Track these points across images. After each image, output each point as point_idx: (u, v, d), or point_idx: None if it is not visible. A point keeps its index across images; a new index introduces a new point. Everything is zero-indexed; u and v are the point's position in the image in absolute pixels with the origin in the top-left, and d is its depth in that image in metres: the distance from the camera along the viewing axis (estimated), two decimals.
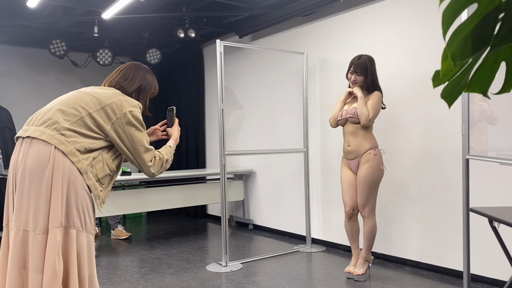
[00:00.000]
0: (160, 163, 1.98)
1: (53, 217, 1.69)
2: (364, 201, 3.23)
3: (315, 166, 4.48)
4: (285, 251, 4.22)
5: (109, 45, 5.73)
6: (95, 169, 1.81)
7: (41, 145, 1.74)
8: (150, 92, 2.09)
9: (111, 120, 1.84)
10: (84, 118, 1.80)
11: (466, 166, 2.27)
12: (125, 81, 2.00)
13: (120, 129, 1.85)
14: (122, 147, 1.88)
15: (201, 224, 5.78)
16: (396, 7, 3.71)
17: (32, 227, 1.69)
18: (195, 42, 6.04)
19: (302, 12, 4.34)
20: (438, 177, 3.43)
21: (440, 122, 3.42)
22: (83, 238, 1.75)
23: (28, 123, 1.85)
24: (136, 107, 1.92)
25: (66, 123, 1.78)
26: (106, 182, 1.88)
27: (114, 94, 1.90)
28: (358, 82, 3.26)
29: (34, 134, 1.76)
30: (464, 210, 2.26)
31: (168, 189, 4.93)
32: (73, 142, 1.76)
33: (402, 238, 3.69)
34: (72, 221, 1.72)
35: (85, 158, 1.78)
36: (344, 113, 3.30)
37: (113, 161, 1.89)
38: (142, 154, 1.91)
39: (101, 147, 1.84)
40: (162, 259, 4.05)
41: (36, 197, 1.70)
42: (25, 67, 6.10)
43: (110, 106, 1.84)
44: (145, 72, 2.08)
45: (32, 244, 1.68)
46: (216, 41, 3.76)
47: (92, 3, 4.50)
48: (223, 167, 3.77)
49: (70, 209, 1.72)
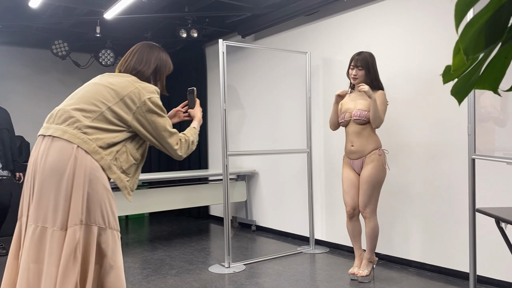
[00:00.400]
0: (186, 145, 1.99)
1: (73, 215, 1.70)
2: (366, 202, 3.19)
3: (318, 167, 4.45)
4: (288, 252, 4.19)
5: (111, 46, 5.72)
6: (119, 162, 1.82)
7: (63, 143, 1.74)
8: (166, 71, 2.07)
9: (131, 110, 1.83)
10: (105, 113, 1.79)
11: (472, 166, 2.24)
12: (140, 64, 1.97)
13: (142, 118, 1.84)
14: (147, 135, 1.88)
15: (204, 225, 5.76)
16: (400, 5, 3.68)
17: (50, 223, 1.71)
18: (198, 42, 6.02)
19: (305, 11, 4.31)
20: (443, 177, 3.39)
21: (445, 121, 3.38)
22: (107, 234, 1.76)
23: (48, 121, 1.85)
24: (154, 92, 1.90)
25: (87, 120, 1.77)
26: (132, 171, 1.89)
27: (130, 82, 1.87)
28: (359, 77, 3.21)
29: (56, 133, 1.76)
30: (470, 210, 2.23)
31: (170, 190, 4.91)
32: (95, 139, 1.76)
33: (406, 239, 3.65)
34: (94, 219, 1.73)
35: (108, 153, 1.78)
36: (348, 116, 3.24)
37: (137, 150, 1.90)
38: (168, 139, 1.91)
39: (124, 139, 1.84)
40: (165, 260, 4.02)
41: (56, 195, 1.71)
42: (27, 68, 6.09)
43: (128, 96, 1.83)
44: (158, 51, 2.04)
45: (51, 240, 1.70)
46: (219, 41, 3.74)
47: (94, 3, 4.48)
48: (226, 168, 3.75)
49: (91, 207, 1.73)
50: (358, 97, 3.27)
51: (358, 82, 3.23)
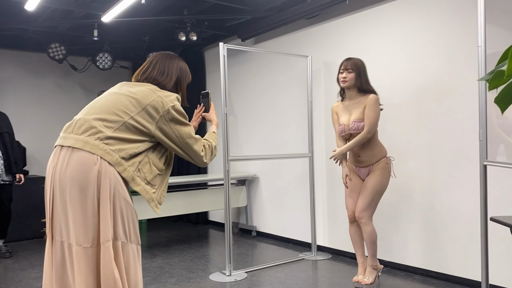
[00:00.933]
0: (210, 150, 1.96)
1: (105, 230, 1.64)
2: (365, 206, 3.12)
3: (320, 171, 4.38)
4: (290, 259, 4.12)
5: (109, 49, 5.65)
6: (142, 173, 1.76)
7: (84, 155, 1.67)
8: (186, 81, 2.03)
9: (154, 119, 1.77)
10: (127, 123, 1.74)
11: (484, 172, 2.18)
12: (162, 76, 1.92)
13: (166, 127, 1.79)
14: (170, 144, 1.83)
15: (203, 230, 5.68)
16: (402, 9, 3.63)
17: (77, 240, 1.64)
18: (196, 46, 5.95)
19: (306, 14, 4.25)
20: (450, 183, 3.33)
21: (449, 126, 3.32)
22: (128, 249, 1.71)
23: (66, 130, 1.78)
24: (176, 100, 1.85)
25: (109, 130, 1.71)
26: (158, 182, 1.83)
27: (151, 91, 1.82)
28: (348, 80, 3.12)
29: (77, 144, 1.69)
30: (482, 218, 2.16)
31: (169, 196, 4.83)
32: (117, 150, 1.70)
33: (411, 245, 3.59)
34: (118, 233, 1.68)
35: (131, 165, 1.73)
36: (346, 128, 3.16)
37: (159, 160, 1.84)
38: (193, 146, 1.87)
39: (146, 149, 1.78)
40: (164, 268, 3.94)
41: (81, 210, 1.64)
42: (24, 71, 6.00)
43: (151, 105, 1.77)
44: (178, 61, 2.00)
45: (78, 258, 1.63)
46: (220, 44, 3.67)
47: (92, 6, 4.41)
48: (227, 173, 3.67)
49: (116, 222, 1.68)
50: (352, 106, 3.17)
51: (348, 85, 3.14)
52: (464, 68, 3.23)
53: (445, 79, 3.35)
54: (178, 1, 4.53)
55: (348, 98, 3.21)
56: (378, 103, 3.09)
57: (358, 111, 3.12)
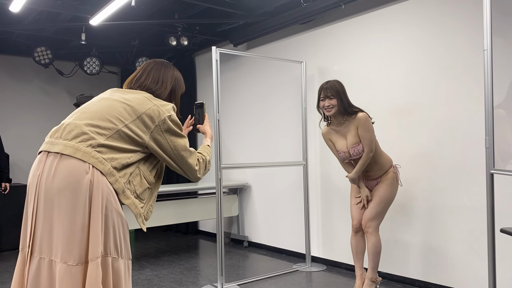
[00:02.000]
0: (203, 165, 1.84)
1: (94, 247, 1.49)
2: (373, 216, 3.03)
3: (314, 180, 4.26)
4: (283, 270, 3.98)
5: (97, 54, 5.50)
6: (132, 185, 1.63)
7: (75, 162, 1.53)
8: (180, 92, 1.92)
9: (149, 129, 1.66)
10: (121, 131, 1.61)
11: (491, 181, 2.08)
12: (156, 84, 1.81)
13: (160, 137, 1.68)
14: (164, 156, 1.70)
15: (193, 241, 5.51)
16: (398, 14, 3.55)
17: (62, 257, 1.48)
18: (187, 51, 5.83)
19: (300, 19, 4.16)
20: (451, 193, 3.24)
21: (449, 133, 3.24)
22: (119, 265, 1.58)
23: (53, 135, 1.63)
24: (172, 110, 1.74)
25: (102, 138, 1.58)
26: (146, 196, 1.70)
27: (147, 99, 1.70)
28: (333, 106, 3.03)
29: (66, 150, 1.54)
30: (489, 229, 2.06)
31: (158, 205, 4.66)
32: (110, 159, 1.56)
33: (408, 257, 3.48)
34: (109, 249, 1.55)
35: (122, 176, 1.60)
36: (347, 155, 3.07)
37: (150, 172, 1.71)
38: (188, 159, 1.76)
39: (137, 160, 1.65)
40: (153, 280, 3.77)
41: (69, 223, 1.49)
42: (8, 76, 5.80)
43: (146, 114, 1.65)
44: (173, 70, 1.89)
45: (62, 277, 1.47)
46: (212, 48, 3.56)
47: (79, 9, 4.27)
48: (219, 181, 3.54)
49: (107, 236, 1.54)
50: (343, 130, 3.08)
51: (333, 113, 3.04)
52: (462, 73, 3.16)
53: (442, 85, 3.27)
54: (168, 4, 4.41)
55: (336, 123, 3.13)
56: (369, 119, 3.01)
57: (352, 134, 3.04)
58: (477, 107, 3.07)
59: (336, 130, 3.13)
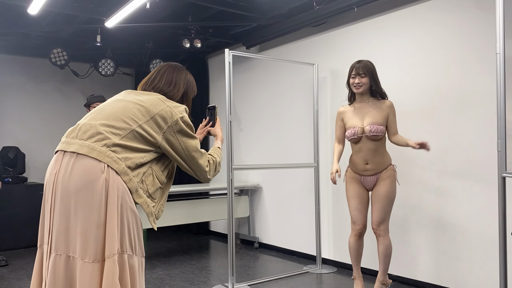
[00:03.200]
0: (214, 166, 1.87)
1: (111, 244, 1.53)
2: (383, 218, 3.02)
3: (325, 182, 4.28)
4: (293, 272, 4.00)
5: (112, 55, 5.58)
6: (145, 185, 1.67)
7: (90, 161, 1.57)
8: (192, 95, 1.96)
9: (162, 129, 1.70)
10: (135, 131, 1.65)
11: (503, 184, 2.08)
12: (169, 87, 1.86)
13: (173, 138, 1.72)
14: (175, 156, 1.74)
15: (204, 241, 5.55)
16: (411, 16, 3.56)
17: (80, 254, 1.53)
18: (200, 53, 5.88)
19: (312, 22, 4.18)
20: (463, 195, 3.23)
21: (461, 136, 3.23)
22: (134, 262, 1.62)
23: (69, 135, 1.68)
24: (184, 111, 1.78)
25: (116, 138, 1.62)
26: (158, 196, 1.74)
27: (160, 100, 1.75)
28: (362, 84, 3.04)
29: (82, 150, 1.59)
30: (500, 233, 2.06)
31: (170, 205, 4.72)
32: (124, 159, 1.61)
33: (418, 260, 3.47)
34: (124, 246, 1.59)
35: (136, 175, 1.64)
36: (360, 131, 3.02)
37: (162, 172, 1.75)
38: (199, 160, 1.79)
39: (150, 160, 1.70)
40: (164, 279, 3.82)
41: (85, 221, 1.53)
42: (25, 77, 5.92)
43: (160, 115, 1.70)
44: (186, 73, 1.94)
45: (81, 274, 1.52)
46: (225, 51, 3.60)
47: (96, 11, 4.35)
48: (231, 182, 3.58)
49: (123, 234, 1.58)
50: (365, 109, 3.08)
51: (362, 90, 3.05)
52: (475, 75, 3.15)
53: (455, 87, 3.26)
54: (182, 7, 4.47)
55: (359, 101, 3.12)
56: None
57: (377, 115, 3.04)
58: (490, 110, 3.06)
59: (356, 108, 3.11)
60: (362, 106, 3.10)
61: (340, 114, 3.20)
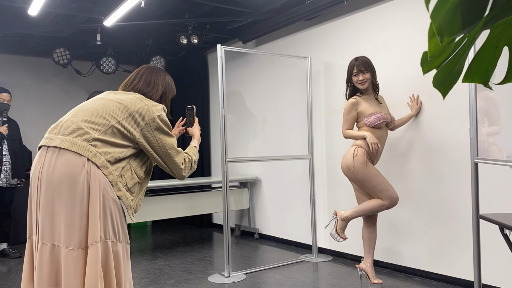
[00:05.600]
0: (189, 164, 1.95)
1: (93, 232, 1.64)
2: None
3: (320, 173, 4.36)
4: (290, 261, 4.10)
5: (113, 53, 5.70)
6: (124, 179, 1.77)
7: (71, 156, 1.67)
8: (171, 95, 2.06)
9: (140, 126, 1.79)
10: (114, 127, 1.75)
11: (475, 170, 2.15)
12: (148, 87, 1.95)
13: (150, 135, 1.81)
14: (152, 153, 1.83)
15: (207, 233, 5.68)
16: (401, 8, 3.61)
17: (65, 242, 1.63)
18: (200, 49, 5.99)
19: (305, 16, 4.25)
20: (445, 183, 3.29)
21: (448, 124, 3.28)
22: (118, 249, 1.73)
23: (51, 131, 1.78)
24: (162, 110, 1.88)
25: (96, 133, 1.72)
26: (136, 190, 1.84)
27: (139, 99, 1.85)
28: (366, 80, 3.15)
29: (64, 144, 1.69)
30: (473, 217, 2.13)
31: (172, 198, 4.85)
32: (104, 153, 1.71)
33: (411, 247, 3.55)
34: (108, 234, 1.69)
35: (115, 169, 1.74)
36: (389, 117, 3.21)
37: (140, 168, 1.85)
38: (174, 158, 1.88)
39: (129, 155, 1.79)
40: (164, 269, 3.95)
41: (68, 211, 1.64)
42: (29, 76, 6.09)
43: (138, 112, 1.80)
44: (164, 75, 2.03)
45: (66, 261, 1.63)
46: (217, 46, 3.69)
47: (93, 11, 4.47)
48: (225, 175, 3.68)
49: (106, 223, 1.69)
50: (374, 101, 3.23)
51: (367, 85, 3.17)
52: None
53: None
54: (178, 4, 4.56)
55: (366, 94, 3.24)
56: None
57: (385, 106, 3.28)
58: None
59: (367, 99, 3.19)
60: (369, 98, 3.22)
61: (354, 104, 3.18)
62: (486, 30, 0.63)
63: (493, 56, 0.75)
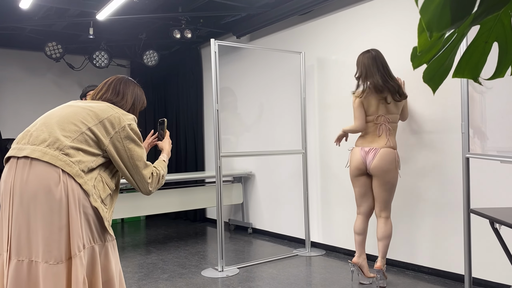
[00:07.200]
0: (157, 179, 1.87)
1: (75, 244, 1.59)
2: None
3: (314, 168, 4.38)
4: (283, 255, 4.12)
5: (106, 47, 5.67)
6: (97, 190, 1.71)
7: (44, 167, 1.60)
8: (140, 107, 1.99)
9: (109, 134, 1.73)
10: (85, 133, 1.69)
11: (467, 165, 2.17)
12: (117, 97, 1.89)
13: (119, 144, 1.75)
14: (119, 163, 1.76)
15: (200, 228, 5.69)
16: (394, 3, 3.61)
17: (43, 257, 1.56)
18: (193, 44, 5.96)
19: (299, 11, 4.25)
20: (439, 178, 3.32)
21: (440, 119, 3.31)
22: (107, 248, 1.72)
23: (20, 141, 1.69)
24: (133, 120, 1.83)
25: (68, 140, 1.65)
26: (108, 202, 1.78)
27: (109, 107, 1.79)
28: None
29: (34, 154, 1.61)
30: (464, 211, 2.15)
31: (166, 193, 4.85)
32: (77, 162, 1.64)
33: (403, 241, 3.58)
34: (95, 239, 1.68)
35: (89, 179, 1.68)
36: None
37: (111, 180, 1.79)
38: (142, 170, 1.80)
39: (99, 165, 1.73)
40: (157, 264, 3.95)
41: (46, 224, 1.57)
42: (22, 70, 6.04)
43: (108, 120, 1.74)
44: (134, 86, 1.97)
45: (45, 277, 1.56)
46: (211, 41, 3.68)
47: (86, 4, 4.43)
48: (219, 169, 3.68)
49: (90, 230, 1.66)
50: None
51: None
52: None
53: None
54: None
55: None
56: None
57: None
58: None
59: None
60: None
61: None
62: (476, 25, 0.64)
63: (483, 51, 0.75)
